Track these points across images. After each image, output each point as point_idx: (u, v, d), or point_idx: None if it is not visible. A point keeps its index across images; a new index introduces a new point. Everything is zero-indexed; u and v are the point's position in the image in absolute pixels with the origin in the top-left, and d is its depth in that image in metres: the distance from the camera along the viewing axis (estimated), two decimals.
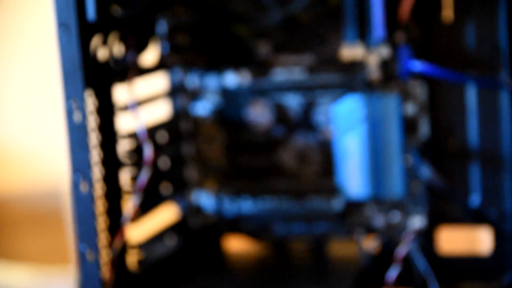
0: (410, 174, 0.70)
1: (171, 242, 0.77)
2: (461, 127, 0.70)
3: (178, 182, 0.78)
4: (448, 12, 0.69)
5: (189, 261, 0.77)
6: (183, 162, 0.78)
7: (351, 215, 0.73)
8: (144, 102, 0.73)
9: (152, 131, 0.74)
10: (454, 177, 0.70)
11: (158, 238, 0.76)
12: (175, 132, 0.78)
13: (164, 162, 0.76)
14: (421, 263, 0.67)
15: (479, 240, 0.71)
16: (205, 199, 0.78)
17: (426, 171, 0.69)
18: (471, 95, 0.69)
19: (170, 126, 0.77)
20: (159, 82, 0.78)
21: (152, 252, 0.74)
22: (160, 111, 0.78)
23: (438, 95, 0.70)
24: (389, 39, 0.69)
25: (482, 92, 0.68)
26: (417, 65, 0.66)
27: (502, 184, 0.69)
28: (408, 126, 0.70)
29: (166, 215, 0.78)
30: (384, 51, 0.70)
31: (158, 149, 0.75)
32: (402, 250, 0.67)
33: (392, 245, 0.71)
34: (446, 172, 0.70)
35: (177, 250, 0.77)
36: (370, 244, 0.71)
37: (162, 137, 0.76)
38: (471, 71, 0.68)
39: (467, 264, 0.70)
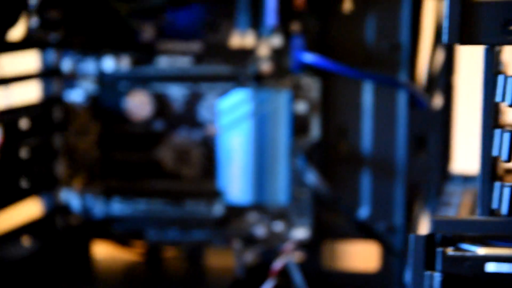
0: (296, 180, 0.64)
1: (28, 243, 0.68)
2: (355, 130, 0.64)
3: (44, 176, 0.69)
4: (348, 4, 0.63)
5: (50, 266, 0.68)
6: (51, 154, 0.69)
7: (231, 222, 0.66)
8: (9, 81, 0.64)
9: (13, 115, 0.65)
10: (343, 186, 0.64)
11: (12, 237, 0.67)
12: (44, 120, 0.69)
13: (27, 152, 0.67)
14: (298, 278, 0.60)
15: (366, 255, 0.65)
16: (73, 197, 0.69)
17: (313, 178, 0.62)
18: (367, 95, 0.63)
19: (38, 112, 0.69)
20: (32, 62, 0.70)
21: (3, 252, 0.65)
22: (31, 95, 0.70)
23: (332, 93, 0.64)
24: (283, 28, 0.62)
25: (379, 92, 0.63)
26: (310, 57, 0.60)
27: (393, 196, 0.63)
28: (298, 126, 0.64)
29: (28, 212, 0.69)
30: (276, 41, 0.63)
31: (19, 137, 0.66)
32: (279, 263, 0.60)
33: (273, 257, 0.64)
34: (335, 180, 0.64)
35: (36, 252, 0.68)
36: (249, 254, 0.64)
37: (26, 123, 0.67)
38: (369, 68, 0.62)
39: (353, 281, 0.64)
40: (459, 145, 0.67)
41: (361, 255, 0.66)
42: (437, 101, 0.62)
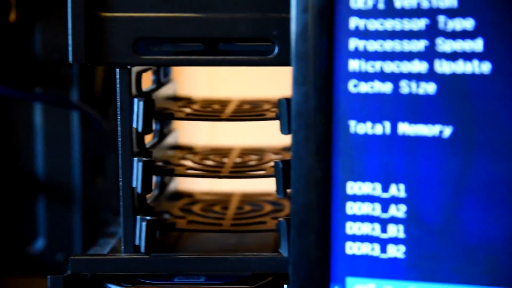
0: None
1: None
2: (28, 153, 0.57)
3: None
4: (12, 14, 0.56)
5: None
6: None
7: None
8: None
9: None
10: (18, 215, 0.57)
11: None
12: None
13: None
14: None
15: None
16: None
17: None
18: (38, 113, 0.57)
19: None
20: None
21: None
22: None
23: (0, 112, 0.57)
24: None
25: (51, 111, 0.57)
26: None
27: (70, 225, 0.57)
28: None
29: None
30: None
31: None
32: None
33: None
34: (9, 209, 0.57)
35: None
36: None
37: None
38: (39, 84, 0.56)
39: None
40: None
41: None
42: (114, 120, 0.57)
